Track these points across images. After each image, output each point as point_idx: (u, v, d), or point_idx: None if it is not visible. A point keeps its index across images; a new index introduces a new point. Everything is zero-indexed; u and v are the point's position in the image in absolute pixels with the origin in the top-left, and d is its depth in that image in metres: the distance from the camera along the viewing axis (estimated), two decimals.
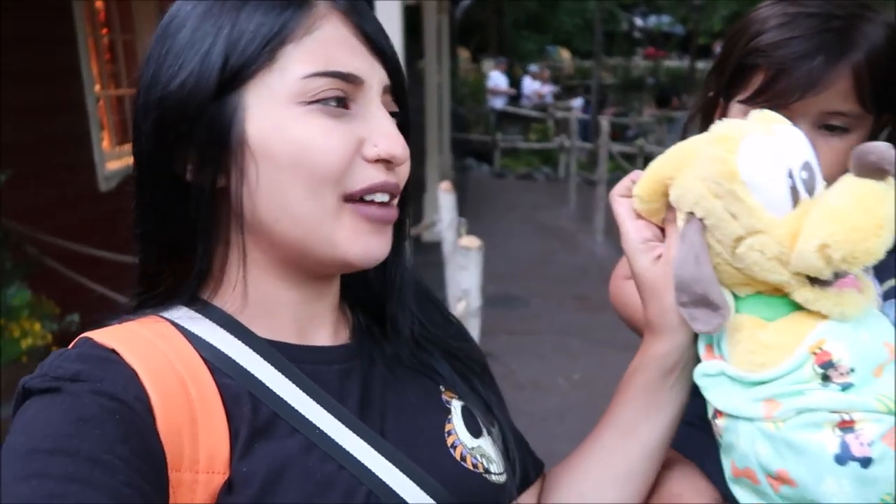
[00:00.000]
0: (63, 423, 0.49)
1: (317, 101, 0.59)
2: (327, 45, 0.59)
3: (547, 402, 4.12)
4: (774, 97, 0.77)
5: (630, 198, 0.74)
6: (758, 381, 0.63)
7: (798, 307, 0.65)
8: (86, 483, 0.47)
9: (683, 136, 0.94)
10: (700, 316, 0.66)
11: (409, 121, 0.68)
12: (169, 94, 0.58)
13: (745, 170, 0.64)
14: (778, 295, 0.66)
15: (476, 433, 0.70)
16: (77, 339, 0.57)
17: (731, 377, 0.65)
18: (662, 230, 0.73)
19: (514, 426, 0.78)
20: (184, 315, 0.61)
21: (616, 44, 21.22)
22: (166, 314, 0.61)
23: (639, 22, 22.07)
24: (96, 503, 0.46)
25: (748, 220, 0.64)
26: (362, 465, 0.60)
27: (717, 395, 0.65)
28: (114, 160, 4.77)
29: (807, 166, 0.66)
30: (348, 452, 0.60)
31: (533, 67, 15.65)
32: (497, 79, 13.74)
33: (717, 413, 0.67)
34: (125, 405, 0.51)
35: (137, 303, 0.65)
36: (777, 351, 0.63)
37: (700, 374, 0.67)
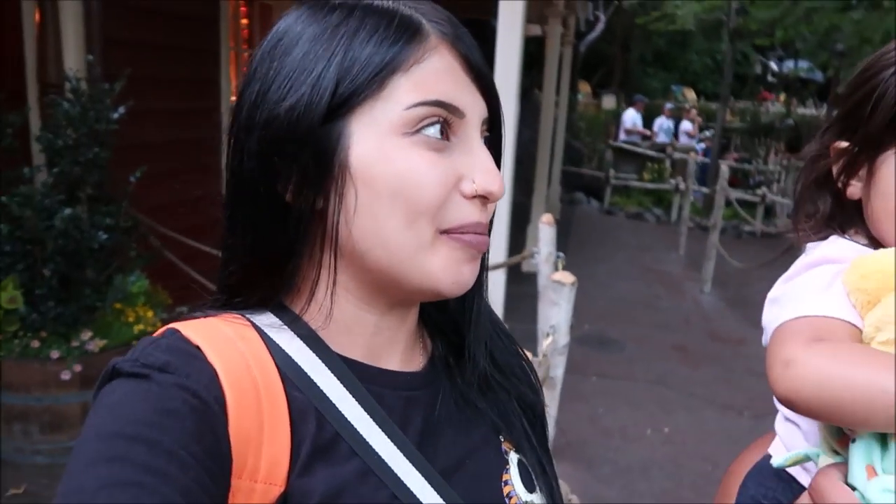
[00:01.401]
0: (148, 411, 0.50)
1: (420, 132, 0.59)
2: (434, 75, 0.59)
3: (632, 453, 3.94)
4: None
5: None
6: None
7: None
8: (162, 475, 0.47)
9: (801, 196, 0.81)
10: None
11: (500, 152, 0.68)
12: (277, 116, 0.59)
13: None
14: None
15: (530, 489, 0.68)
16: (164, 328, 0.58)
17: None
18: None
19: (561, 493, 0.75)
20: (267, 321, 0.62)
21: (747, 87, 20.37)
22: (251, 316, 0.62)
23: (774, 66, 21.07)
24: (168, 497, 0.47)
25: None
26: (416, 497, 0.59)
27: None
28: None
29: None
30: (403, 483, 0.59)
31: (668, 104, 15.23)
32: (634, 118, 13.42)
33: None
34: (206, 404, 0.52)
35: (223, 304, 0.65)
36: None
37: (881, 490, 0.59)
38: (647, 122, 14.29)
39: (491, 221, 0.68)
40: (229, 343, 0.58)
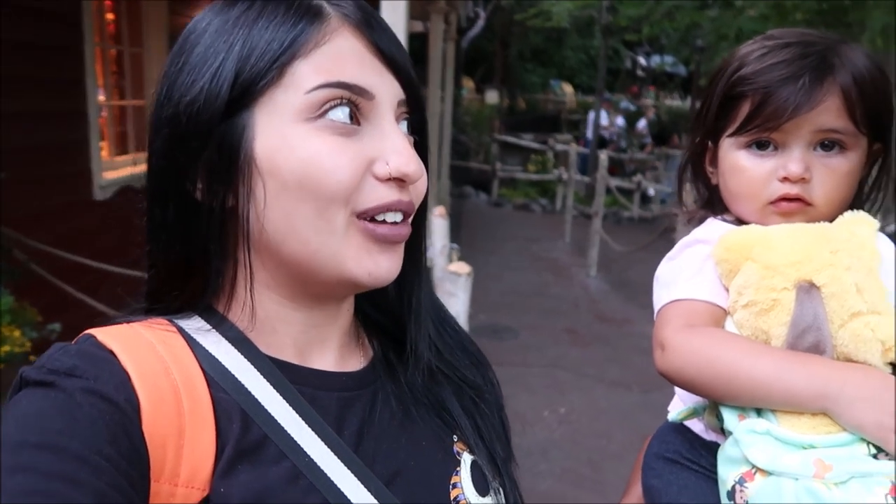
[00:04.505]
0: (54, 418, 0.49)
1: (324, 117, 0.58)
2: (336, 58, 0.58)
3: (532, 436, 4.07)
4: (765, 121, 0.76)
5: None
6: (808, 444, 0.65)
7: None
8: (71, 482, 0.46)
9: (679, 186, 0.92)
10: None
11: (426, 134, 0.67)
12: (180, 113, 0.58)
13: (884, 252, 0.70)
14: None
15: (483, 491, 0.68)
16: (81, 334, 0.57)
17: (778, 437, 0.66)
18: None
19: (518, 485, 0.75)
20: (194, 325, 0.61)
21: (619, 81, 21.48)
22: (178, 321, 0.61)
23: (642, 61, 22.34)
24: (80, 503, 0.46)
25: (873, 298, 0.68)
26: (349, 501, 0.58)
27: (760, 453, 0.66)
28: (111, 170, 4.78)
29: None
30: (336, 486, 0.58)
31: (625, 103, 16.04)
32: (603, 116, 14.22)
33: (749, 476, 0.67)
34: (116, 406, 0.51)
35: (147, 309, 0.64)
36: (831, 421, 0.66)
37: (745, 430, 0.68)
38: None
39: (425, 209, 0.67)
40: (147, 347, 0.56)
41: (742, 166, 0.80)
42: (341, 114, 0.58)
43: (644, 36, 13.52)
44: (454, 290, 2.63)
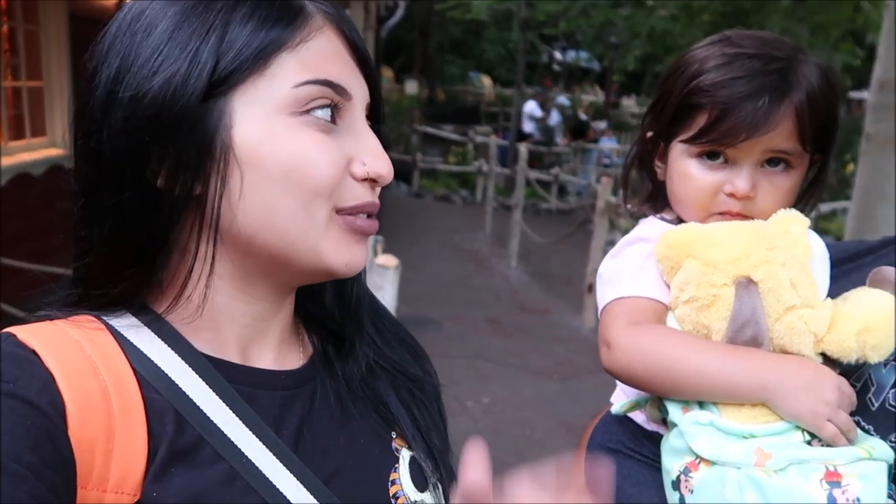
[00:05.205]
0: None
1: (308, 113, 0.58)
2: (321, 55, 0.59)
3: (456, 427, 4.02)
4: (721, 137, 0.77)
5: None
6: (749, 433, 0.68)
7: None
8: None
9: (625, 180, 0.93)
10: None
11: (384, 138, 0.68)
12: (147, 93, 0.55)
13: (815, 248, 0.74)
14: None
15: (421, 487, 0.68)
16: (0, 333, 0.53)
17: (720, 428, 0.69)
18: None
19: (455, 476, 0.75)
20: (125, 322, 0.58)
21: (536, 74, 21.89)
22: (107, 318, 0.58)
23: (558, 56, 22.85)
24: None
25: (806, 293, 0.71)
26: (288, 501, 0.57)
27: (704, 444, 0.69)
28: (6, 156, 4.45)
29: None
30: (275, 486, 0.57)
31: (561, 99, 16.44)
32: (533, 108, 14.56)
33: (693, 466, 0.70)
34: (38, 410, 0.48)
35: (78, 298, 0.60)
36: (769, 411, 0.69)
37: (690, 422, 0.70)
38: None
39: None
40: (73, 346, 0.54)
41: (691, 175, 0.81)
42: (323, 113, 0.59)
43: (560, 31, 13.83)
44: (382, 283, 2.61)
